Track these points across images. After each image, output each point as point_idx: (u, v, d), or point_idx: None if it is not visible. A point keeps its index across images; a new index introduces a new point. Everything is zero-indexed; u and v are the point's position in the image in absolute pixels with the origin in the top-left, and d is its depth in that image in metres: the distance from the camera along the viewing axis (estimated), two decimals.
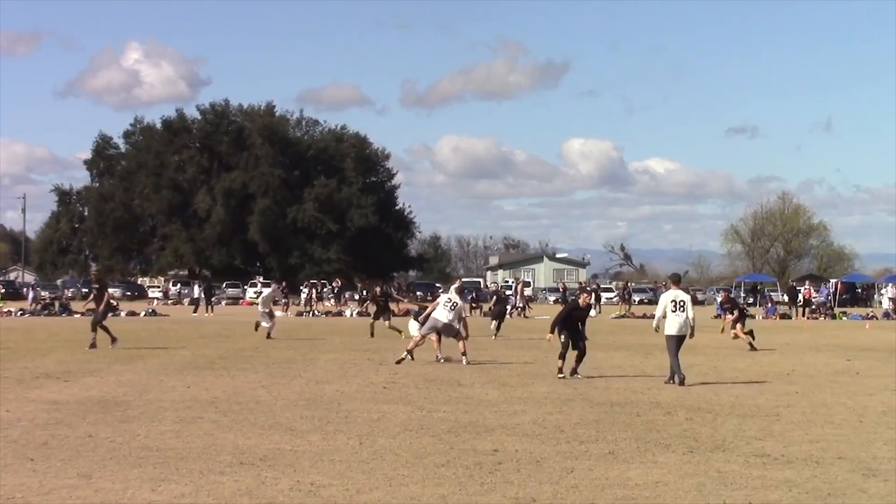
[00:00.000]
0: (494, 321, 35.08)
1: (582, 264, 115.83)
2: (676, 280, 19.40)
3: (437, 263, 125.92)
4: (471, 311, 54.45)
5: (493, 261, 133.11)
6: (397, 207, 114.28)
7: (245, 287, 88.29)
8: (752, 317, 56.42)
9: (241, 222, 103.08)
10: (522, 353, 26.33)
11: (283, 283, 67.00)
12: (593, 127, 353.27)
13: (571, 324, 19.68)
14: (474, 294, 62.39)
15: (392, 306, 34.66)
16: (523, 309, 52.96)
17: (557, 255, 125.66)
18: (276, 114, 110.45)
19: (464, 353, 22.56)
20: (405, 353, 22.71)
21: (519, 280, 63.05)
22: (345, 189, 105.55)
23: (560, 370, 19.34)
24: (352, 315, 54.05)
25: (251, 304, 77.62)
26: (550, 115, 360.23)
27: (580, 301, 20.18)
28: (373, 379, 19.06)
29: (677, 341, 18.64)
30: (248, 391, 16.84)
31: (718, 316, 54.02)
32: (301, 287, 66.42)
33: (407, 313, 38.51)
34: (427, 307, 24.41)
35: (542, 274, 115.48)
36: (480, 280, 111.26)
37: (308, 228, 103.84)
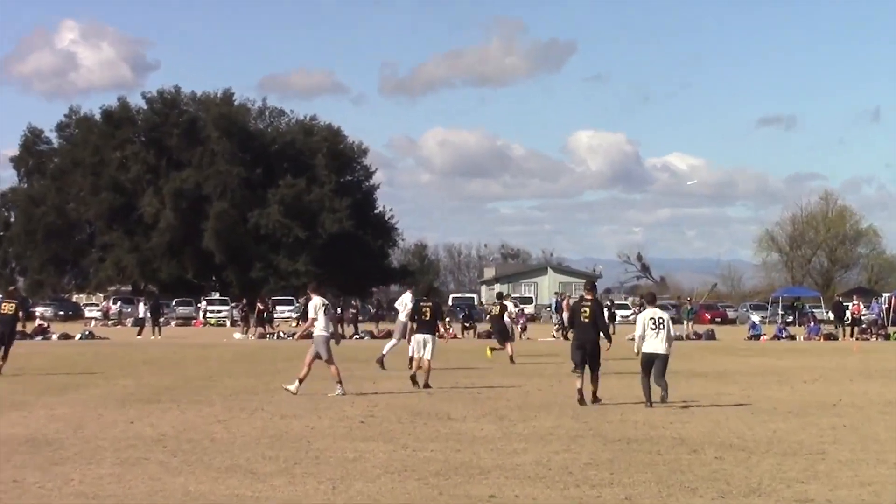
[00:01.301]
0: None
1: (593, 276, 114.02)
2: (651, 299, 21.80)
3: (423, 276, 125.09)
4: (463, 332, 54.50)
5: (489, 273, 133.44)
6: (377, 211, 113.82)
7: (198, 305, 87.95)
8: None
9: (195, 229, 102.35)
10: (524, 381, 26.40)
11: (243, 301, 66.81)
12: (603, 117, 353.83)
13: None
14: (467, 312, 61.49)
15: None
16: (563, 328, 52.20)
17: (564, 266, 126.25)
18: (236, 102, 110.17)
19: (339, 381, 22.37)
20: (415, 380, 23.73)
21: (565, 294, 62.27)
22: (315, 190, 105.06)
23: (581, 395, 20.32)
24: None
25: (206, 324, 79.07)
26: (554, 104, 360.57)
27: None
28: (348, 412, 18.95)
29: (655, 361, 20.26)
30: (201, 427, 16.79)
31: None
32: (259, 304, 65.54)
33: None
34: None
35: (547, 288, 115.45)
36: (474, 296, 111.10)
37: (272, 236, 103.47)
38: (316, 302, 22.20)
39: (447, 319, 53.91)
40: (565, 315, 48.38)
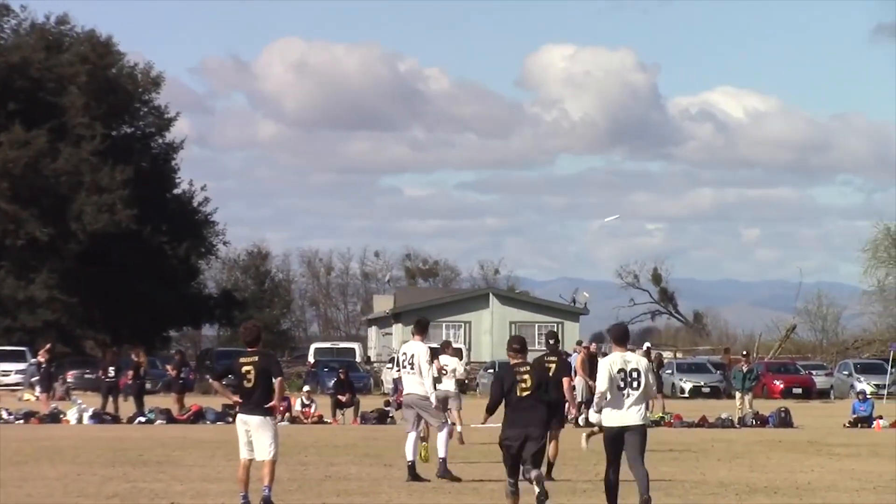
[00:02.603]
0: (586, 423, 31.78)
1: (572, 311, 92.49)
2: (620, 338, 17.34)
3: (263, 311, 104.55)
4: (335, 412, 46.27)
5: (383, 304, 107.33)
6: (178, 191, 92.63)
7: None
8: None
9: None
10: (441, 499, 20.18)
11: None
12: (593, 22, 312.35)
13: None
14: (342, 375, 49.30)
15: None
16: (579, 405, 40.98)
17: (520, 293, 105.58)
18: None
19: None
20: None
21: (589, 346, 43.79)
22: (67, 152, 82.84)
23: None
24: (80, 419, 44.43)
25: None
26: None
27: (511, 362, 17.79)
28: None
29: (629, 438, 16.52)
30: None
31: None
32: None
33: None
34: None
35: (488, 331, 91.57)
36: (356, 346, 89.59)
37: None
38: None
39: (304, 388, 48.39)
40: (578, 382, 35.77)
